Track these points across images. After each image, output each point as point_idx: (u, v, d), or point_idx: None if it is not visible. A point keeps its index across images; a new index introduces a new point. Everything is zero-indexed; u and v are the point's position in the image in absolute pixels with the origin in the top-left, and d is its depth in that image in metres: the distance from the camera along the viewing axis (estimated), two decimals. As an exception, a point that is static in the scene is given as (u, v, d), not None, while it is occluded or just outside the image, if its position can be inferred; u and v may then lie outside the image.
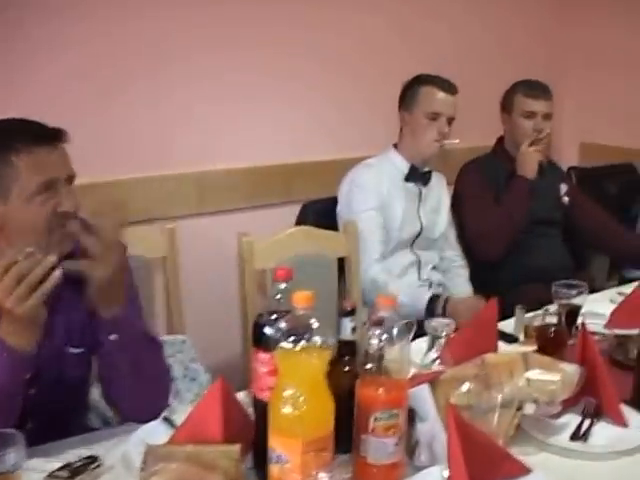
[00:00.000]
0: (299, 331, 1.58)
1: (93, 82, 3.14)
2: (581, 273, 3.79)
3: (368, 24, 3.94)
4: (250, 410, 1.82)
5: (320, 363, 1.58)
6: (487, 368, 1.95)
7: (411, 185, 3.29)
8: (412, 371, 2.14)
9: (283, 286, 1.73)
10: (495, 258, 3.44)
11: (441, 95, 3.22)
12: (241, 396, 1.97)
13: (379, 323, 1.72)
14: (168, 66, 3.34)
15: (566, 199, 3.71)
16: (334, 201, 3.34)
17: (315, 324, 1.59)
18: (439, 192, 3.40)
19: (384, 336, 1.69)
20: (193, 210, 3.47)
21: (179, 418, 1.87)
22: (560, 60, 4.96)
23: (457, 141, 3.29)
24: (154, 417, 1.98)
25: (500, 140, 3.73)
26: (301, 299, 1.61)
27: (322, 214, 3.36)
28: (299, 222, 3.33)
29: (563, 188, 3.71)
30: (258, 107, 3.65)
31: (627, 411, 2.06)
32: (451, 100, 3.23)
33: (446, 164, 3.54)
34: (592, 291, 3.18)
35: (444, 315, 2.79)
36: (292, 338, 1.57)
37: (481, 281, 3.47)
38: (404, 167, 3.30)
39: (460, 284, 3.41)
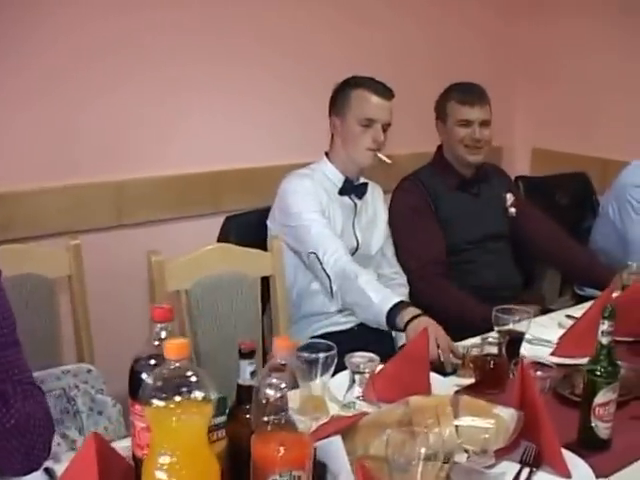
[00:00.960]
0: (175, 385, 1.31)
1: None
2: (531, 290, 3.61)
3: (300, 27, 3.72)
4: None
5: (200, 421, 1.32)
6: (412, 413, 1.71)
7: (346, 198, 3.02)
8: (331, 411, 1.93)
9: (161, 329, 1.46)
10: (432, 290, 3.17)
11: (375, 99, 2.93)
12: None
13: (278, 370, 1.46)
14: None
15: (512, 210, 3.48)
16: (261, 213, 3.07)
17: (194, 377, 1.33)
18: (375, 205, 3.13)
19: (283, 385, 1.43)
20: (107, 223, 3.21)
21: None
22: (512, 65, 4.83)
23: (390, 161, 2.99)
24: (32, 470, 1.74)
25: (439, 149, 3.48)
26: (173, 350, 1.34)
27: (247, 228, 3.09)
28: (221, 238, 3.05)
29: (509, 198, 3.48)
30: (183, 111, 3.41)
31: (570, 458, 1.82)
32: (386, 105, 2.95)
33: (388, 173, 3.35)
34: (543, 310, 3.01)
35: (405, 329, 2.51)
36: (164, 395, 1.30)
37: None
38: (338, 180, 3.03)
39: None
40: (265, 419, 1.43)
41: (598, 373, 1.89)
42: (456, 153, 3.34)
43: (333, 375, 2.00)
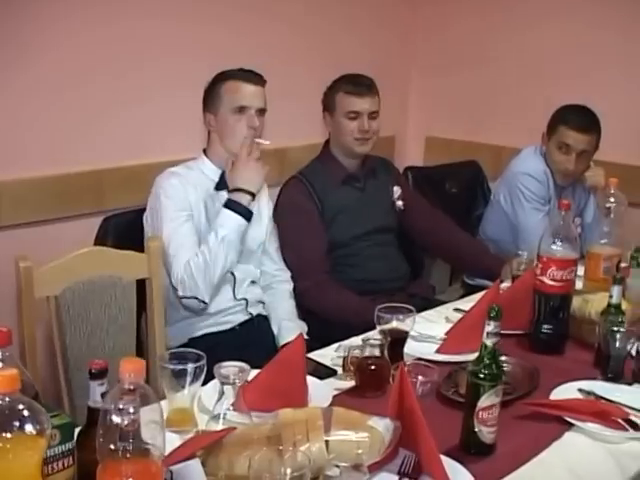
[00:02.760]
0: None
1: None
2: (420, 281, 3.55)
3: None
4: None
5: (33, 457, 1.19)
6: (280, 428, 1.60)
7: (222, 193, 2.90)
8: (201, 423, 1.82)
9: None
10: (316, 289, 3.12)
11: (244, 87, 2.85)
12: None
13: (127, 393, 1.34)
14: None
15: (400, 203, 3.42)
16: (139, 213, 2.93)
17: (26, 411, 1.19)
18: (257, 199, 3.01)
19: (132, 410, 1.31)
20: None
21: None
22: (405, 54, 4.77)
23: (267, 142, 2.91)
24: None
25: (327, 143, 3.40)
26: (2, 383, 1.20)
27: (126, 228, 2.94)
28: (99, 239, 2.90)
29: (396, 191, 3.42)
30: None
31: (451, 466, 1.74)
32: (257, 91, 2.86)
33: (282, 167, 3.22)
34: (428, 302, 2.96)
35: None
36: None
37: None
38: (214, 174, 2.92)
39: (281, 302, 3.03)
40: (112, 447, 1.30)
41: (482, 376, 1.81)
42: (344, 145, 3.28)
43: (207, 381, 1.92)
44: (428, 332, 2.50)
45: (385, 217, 3.39)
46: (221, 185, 2.90)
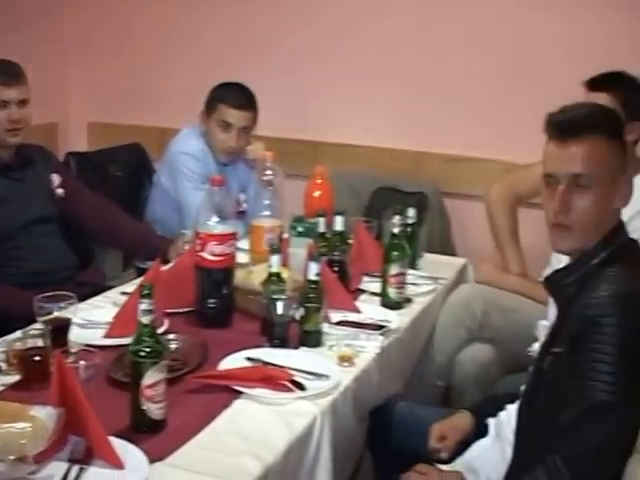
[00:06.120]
0: None
1: None
2: (91, 269, 3.47)
3: None
4: None
5: None
6: None
7: None
8: None
9: None
10: None
11: None
12: None
13: None
14: None
15: (60, 191, 3.29)
16: None
17: None
18: None
19: None
20: None
21: None
22: (63, 41, 4.72)
23: None
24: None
25: None
26: None
27: None
28: None
29: (55, 179, 3.29)
30: None
31: (122, 446, 1.74)
32: None
33: None
34: (100, 289, 2.91)
35: None
36: None
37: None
38: None
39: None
40: None
41: (143, 354, 1.81)
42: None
43: None
44: (95, 318, 2.47)
45: (44, 207, 3.24)
46: None
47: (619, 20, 3.62)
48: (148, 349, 1.81)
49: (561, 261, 2.10)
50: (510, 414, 2.19)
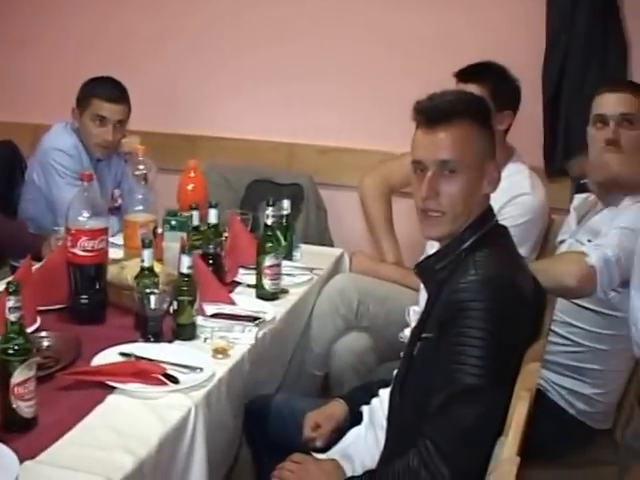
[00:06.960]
0: None
1: None
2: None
3: None
4: None
5: None
6: None
7: None
8: None
9: None
10: None
11: None
12: None
13: None
14: None
15: None
16: None
17: None
18: None
19: None
20: None
21: None
22: None
23: None
24: None
25: None
26: None
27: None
28: None
29: None
30: None
31: None
32: None
33: None
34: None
35: None
36: None
37: None
38: None
39: None
40: None
41: (11, 352, 1.79)
42: None
43: None
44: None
45: None
46: None
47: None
48: (16, 347, 1.79)
49: (435, 248, 2.14)
50: (382, 400, 2.24)
